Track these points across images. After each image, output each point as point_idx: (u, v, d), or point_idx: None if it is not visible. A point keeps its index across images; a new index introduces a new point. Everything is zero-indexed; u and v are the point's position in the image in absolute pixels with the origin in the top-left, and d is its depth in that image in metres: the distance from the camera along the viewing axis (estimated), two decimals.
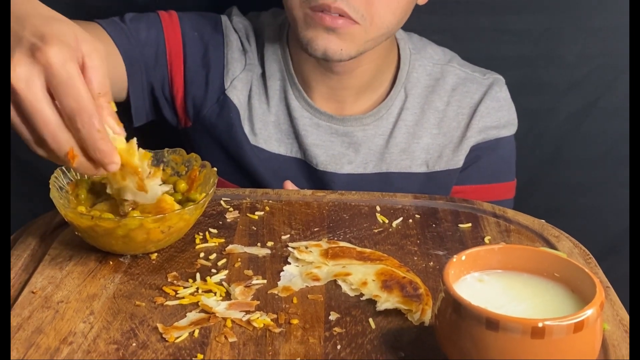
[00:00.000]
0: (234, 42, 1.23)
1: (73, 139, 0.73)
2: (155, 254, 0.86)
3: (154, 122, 1.26)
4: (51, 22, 0.73)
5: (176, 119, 1.26)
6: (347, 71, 1.18)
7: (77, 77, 0.71)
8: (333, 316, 0.76)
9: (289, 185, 1.08)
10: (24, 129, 0.73)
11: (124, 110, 1.02)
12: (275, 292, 0.80)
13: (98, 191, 0.88)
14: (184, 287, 0.80)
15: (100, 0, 1.33)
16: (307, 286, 0.81)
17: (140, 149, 0.79)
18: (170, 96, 1.23)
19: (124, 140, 0.77)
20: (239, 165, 1.23)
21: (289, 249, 0.88)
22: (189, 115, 1.24)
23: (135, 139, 0.78)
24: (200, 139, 1.25)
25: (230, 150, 1.23)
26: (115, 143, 0.75)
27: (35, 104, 0.71)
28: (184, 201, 0.88)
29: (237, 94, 1.22)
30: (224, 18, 1.26)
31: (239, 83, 1.22)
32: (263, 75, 1.23)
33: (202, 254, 0.87)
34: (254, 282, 0.82)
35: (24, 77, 0.70)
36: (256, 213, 0.97)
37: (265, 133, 1.23)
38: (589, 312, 0.61)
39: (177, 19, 1.22)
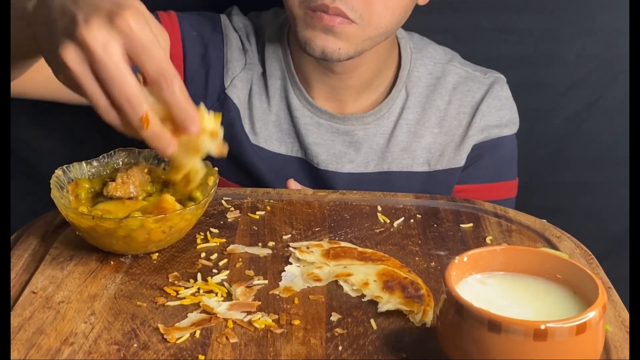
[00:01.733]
0: (234, 41, 1.23)
1: (147, 105, 0.74)
2: (157, 254, 0.86)
3: None
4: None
5: None
6: (348, 70, 1.18)
7: (155, 40, 0.73)
8: (334, 317, 0.76)
9: (292, 183, 1.08)
10: (97, 92, 0.73)
11: None
12: (277, 292, 0.80)
13: (98, 191, 0.88)
14: (185, 288, 0.80)
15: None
16: (308, 287, 0.81)
17: (210, 111, 0.81)
18: None
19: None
20: (240, 164, 1.23)
21: (290, 249, 0.88)
22: None
23: (202, 104, 0.80)
24: None
25: (231, 149, 1.22)
26: None
27: (114, 67, 0.71)
28: (185, 201, 0.88)
29: (237, 93, 1.21)
30: (224, 17, 1.26)
31: (239, 82, 1.22)
32: (264, 74, 1.23)
33: (203, 254, 0.87)
34: (255, 282, 0.81)
35: (102, 40, 0.71)
36: (257, 213, 0.97)
37: (266, 132, 1.22)
38: (591, 314, 0.61)
39: (176, 19, 1.22)
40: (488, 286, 0.69)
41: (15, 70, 0.99)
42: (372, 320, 0.75)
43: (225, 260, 0.86)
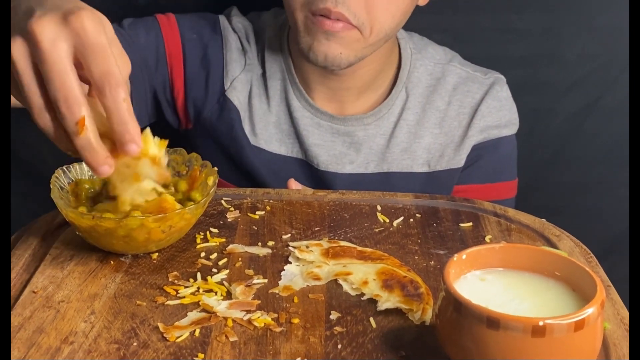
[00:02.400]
0: (233, 43, 1.23)
1: (89, 110, 0.70)
2: (156, 254, 0.86)
3: (154, 123, 1.26)
4: (90, 8, 0.72)
5: (177, 121, 1.26)
6: (348, 72, 1.18)
7: (107, 45, 0.70)
8: (334, 315, 0.76)
9: (293, 183, 1.08)
10: (33, 89, 0.70)
11: None
12: (276, 291, 0.80)
13: (98, 191, 0.88)
14: (185, 287, 0.80)
15: (101, 2, 1.33)
16: (307, 285, 0.81)
17: (156, 137, 0.77)
18: (171, 99, 1.23)
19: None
20: (240, 166, 1.23)
21: (290, 248, 0.88)
22: (189, 117, 1.24)
23: (148, 129, 0.76)
24: (201, 140, 1.25)
25: (231, 151, 1.23)
26: None
27: (58, 62, 0.68)
28: (185, 201, 0.88)
29: (237, 94, 1.22)
30: (222, 18, 1.26)
31: (239, 84, 1.22)
32: (263, 75, 1.23)
33: (203, 254, 0.87)
34: (255, 281, 0.82)
35: (52, 36, 0.68)
36: (257, 213, 0.97)
37: (266, 133, 1.23)
38: (589, 310, 0.61)
39: (175, 21, 1.22)
40: (487, 283, 0.69)
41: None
42: (371, 319, 0.75)
43: (225, 260, 0.86)
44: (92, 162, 0.72)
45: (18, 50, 0.69)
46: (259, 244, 0.90)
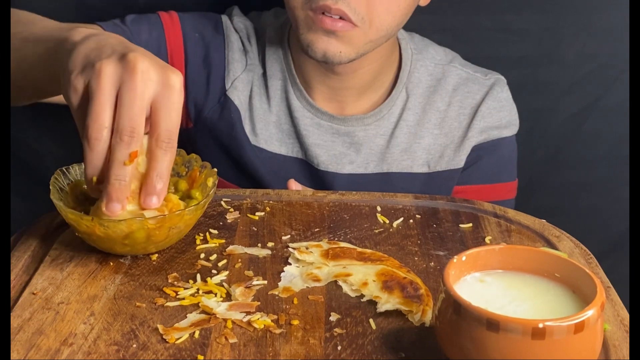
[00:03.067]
0: (235, 43, 1.23)
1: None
2: (156, 255, 0.86)
3: None
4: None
5: None
6: (349, 72, 1.18)
7: (180, 110, 0.77)
8: (333, 317, 0.76)
9: (293, 184, 1.08)
10: (105, 110, 0.75)
11: None
12: (276, 292, 0.80)
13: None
14: (185, 288, 0.80)
15: (101, 1, 1.33)
16: (307, 287, 0.81)
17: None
18: None
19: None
20: (240, 165, 1.23)
21: (290, 249, 0.88)
22: (190, 116, 1.24)
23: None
24: (201, 139, 1.25)
25: (232, 150, 1.23)
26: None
27: (140, 97, 0.75)
28: (185, 198, 0.88)
29: (238, 94, 1.22)
30: (225, 18, 1.26)
31: (240, 83, 1.22)
32: (264, 75, 1.23)
33: (202, 255, 0.87)
34: (255, 282, 0.82)
35: (147, 73, 0.75)
36: (257, 214, 0.97)
37: (266, 133, 1.23)
38: (589, 312, 0.61)
39: (177, 19, 1.22)
40: (487, 284, 0.69)
41: (18, 101, 0.99)
42: (371, 320, 0.75)
43: (224, 261, 0.86)
44: (113, 195, 0.77)
45: (110, 69, 0.75)
46: (259, 245, 0.90)
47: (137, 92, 0.74)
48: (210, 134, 1.23)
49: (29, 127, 1.40)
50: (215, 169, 0.90)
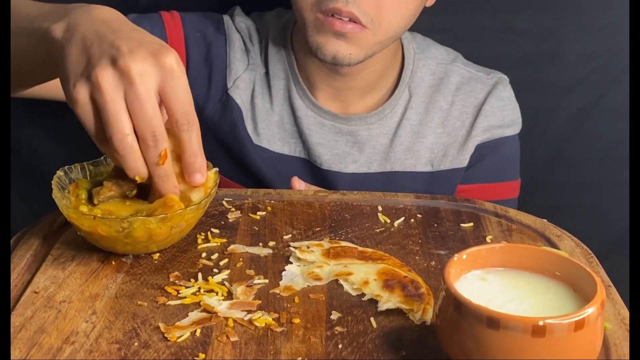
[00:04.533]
0: (236, 42, 1.23)
1: (169, 143, 0.79)
2: (158, 254, 0.87)
3: None
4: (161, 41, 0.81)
5: None
6: (354, 72, 1.18)
7: (188, 86, 0.78)
8: (334, 315, 0.76)
9: (296, 181, 1.08)
10: (121, 119, 0.76)
11: None
12: (277, 291, 0.80)
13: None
14: (186, 287, 0.80)
15: (103, 1, 1.33)
16: (308, 286, 0.81)
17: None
18: None
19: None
20: (242, 165, 1.23)
21: (291, 248, 0.88)
22: None
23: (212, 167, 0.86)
24: (203, 139, 1.24)
25: (234, 150, 1.23)
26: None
27: (147, 99, 0.76)
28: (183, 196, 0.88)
29: (239, 93, 1.22)
30: (226, 18, 1.26)
31: (242, 83, 1.22)
32: (267, 74, 1.23)
33: (204, 254, 0.87)
34: (256, 281, 0.82)
35: (144, 72, 0.76)
36: (258, 213, 0.97)
37: (269, 133, 1.23)
38: (589, 310, 0.61)
39: (179, 19, 1.22)
40: (488, 282, 0.69)
41: (17, 89, 1.00)
42: (372, 319, 0.75)
43: (225, 260, 0.86)
44: (163, 190, 0.81)
45: (108, 81, 0.75)
46: (260, 244, 0.90)
47: (142, 97, 0.75)
48: (212, 133, 1.24)
49: (30, 126, 1.40)
50: (217, 168, 0.90)
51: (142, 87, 0.75)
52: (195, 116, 0.79)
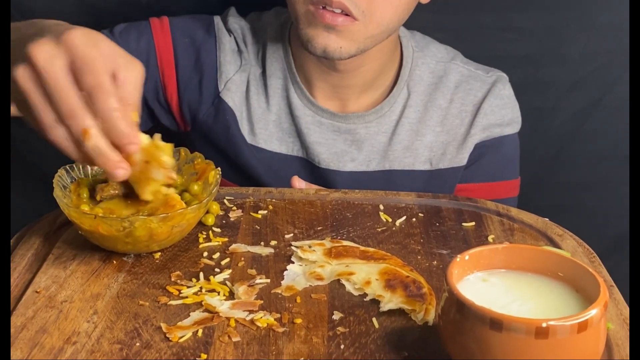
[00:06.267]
0: (227, 44, 1.23)
1: (92, 120, 0.74)
2: (159, 254, 0.86)
3: (156, 128, 1.26)
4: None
5: (175, 125, 1.26)
6: (351, 69, 1.18)
7: (99, 58, 0.74)
8: (336, 315, 0.76)
9: (297, 180, 1.07)
10: (42, 107, 0.74)
11: None
12: (279, 291, 0.80)
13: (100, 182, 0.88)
14: (188, 287, 0.80)
15: (105, 1, 1.33)
16: (310, 285, 0.81)
17: (162, 142, 0.81)
18: (165, 102, 1.23)
19: (147, 137, 0.80)
20: (239, 166, 1.23)
21: (293, 248, 0.88)
22: (186, 120, 1.24)
23: (159, 135, 0.81)
24: (200, 142, 1.25)
25: (229, 152, 1.23)
26: None
27: (56, 80, 0.73)
28: (182, 193, 0.88)
29: (231, 96, 1.21)
30: (217, 20, 1.25)
31: (233, 85, 1.21)
32: (263, 74, 1.23)
33: (205, 253, 0.87)
34: (258, 281, 0.82)
35: (47, 55, 0.73)
36: (259, 212, 0.97)
37: (266, 132, 1.22)
38: (592, 312, 0.61)
39: (168, 25, 1.21)
40: (490, 284, 0.69)
41: None
42: (374, 319, 0.75)
43: (227, 260, 0.86)
44: (106, 167, 0.77)
45: (21, 73, 0.74)
46: (262, 243, 0.90)
47: (50, 79, 0.73)
48: (206, 137, 1.23)
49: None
50: (219, 168, 0.90)
51: (48, 69, 0.73)
52: (109, 89, 0.74)
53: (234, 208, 0.97)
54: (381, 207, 0.99)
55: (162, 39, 1.20)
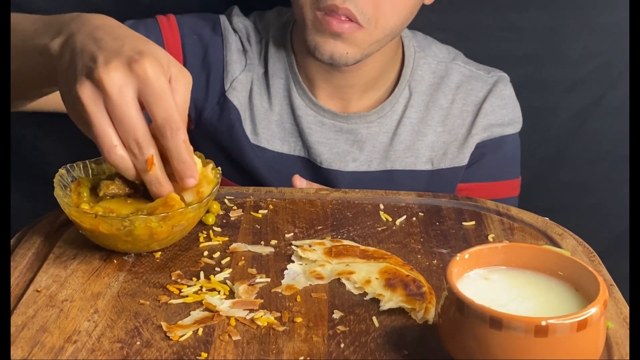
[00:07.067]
0: (233, 43, 1.23)
1: (155, 149, 0.79)
2: (159, 253, 0.87)
3: None
4: (148, 43, 0.81)
5: None
6: (353, 70, 1.18)
7: (168, 89, 0.78)
8: (337, 314, 0.76)
9: (298, 179, 1.07)
10: (105, 129, 0.77)
11: None
12: (279, 290, 0.80)
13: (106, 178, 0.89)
14: (188, 286, 0.80)
15: (105, 1, 1.33)
16: (310, 284, 0.81)
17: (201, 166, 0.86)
18: None
19: (200, 162, 0.85)
20: (242, 166, 1.23)
21: (293, 247, 0.88)
22: (191, 118, 1.24)
23: (212, 165, 0.87)
24: (203, 141, 1.25)
25: (232, 151, 1.23)
26: None
27: (126, 109, 0.76)
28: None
29: (237, 95, 1.22)
30: (223, 19, 1.26)
31: (239, 84, 1.22)
32: (265, 74, 1.23)
33: (205, 253, 0.87)
34: (258, 280, 0.82)
35: (119, 83, 0.76)
36: (260, 211, 0.97)
37: (268, 132, 1.23)
38: (592, 310, 0.61)
39: (175, 22, 1.22)
40: (490, 282, 0.69)
41: (20, 103, 1.00)
42: (374, 318, 0.75)
43: (227, 259, 0.86)
44: (158, 194, 0.82)
45: (87, 95, 0.77)
46: (262, 242, 0.90)
47: (120, 106, 0.76)
48: (210, 136, 1.24)
49: (31, 125, 1.40)
50: (219, 168, 0.90)
51: (119, 98, 0.76)
52: (179, 121, 0.78)
53: (235, 207, 0.97)
54: (381, 206, 0.99)
55: (171, 36, 1.21)
